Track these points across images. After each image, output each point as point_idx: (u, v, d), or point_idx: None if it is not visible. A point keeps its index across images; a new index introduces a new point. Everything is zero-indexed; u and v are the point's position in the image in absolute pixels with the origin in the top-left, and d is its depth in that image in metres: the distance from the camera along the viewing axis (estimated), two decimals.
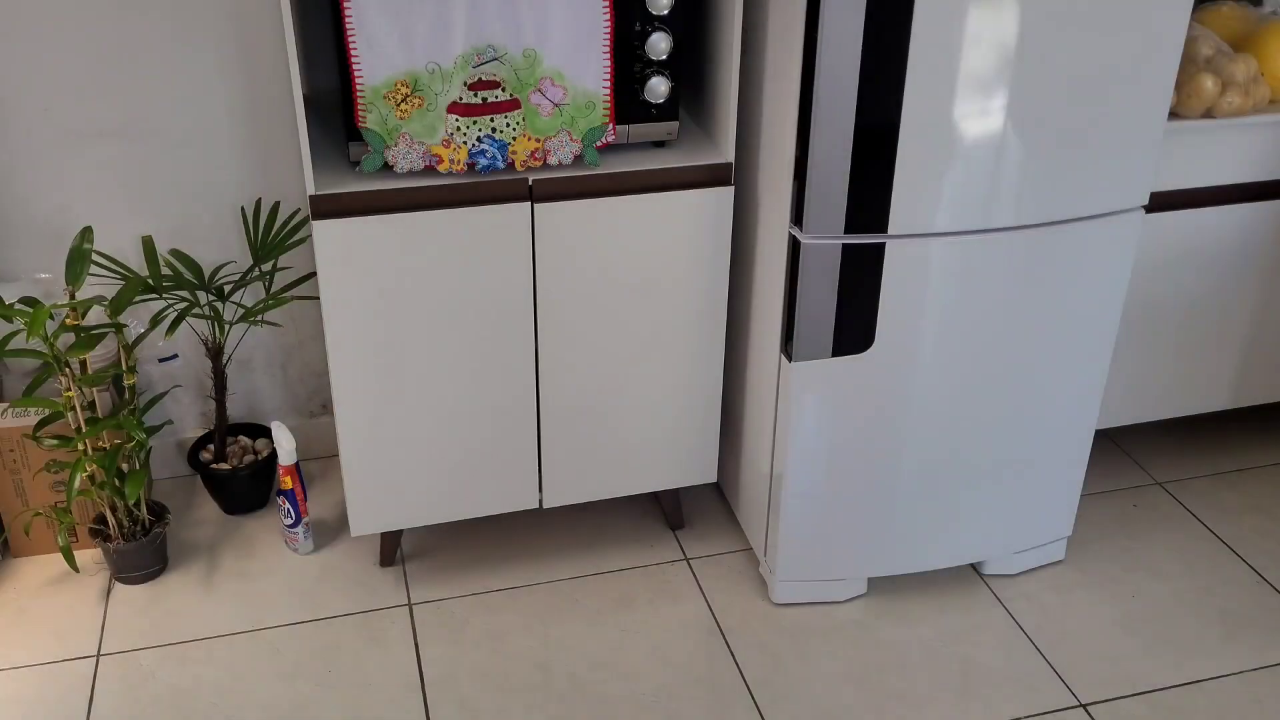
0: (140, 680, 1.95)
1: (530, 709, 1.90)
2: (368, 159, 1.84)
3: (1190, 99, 2.01)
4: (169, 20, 2.09)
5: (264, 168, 2.24)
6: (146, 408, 2.18)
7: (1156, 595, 2.17)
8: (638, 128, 1.94)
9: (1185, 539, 2.33)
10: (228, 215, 2.26)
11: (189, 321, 2.17)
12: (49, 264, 2.21)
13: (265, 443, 2.39)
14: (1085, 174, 1.81)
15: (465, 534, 2.30)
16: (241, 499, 2.36)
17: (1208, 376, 2.38)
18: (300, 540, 2.24)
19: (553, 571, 2.21)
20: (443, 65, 1.78)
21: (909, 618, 2.10)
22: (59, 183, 2.17)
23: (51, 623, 2.07)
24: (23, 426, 2.08)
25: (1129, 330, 2.19)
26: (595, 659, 2.01)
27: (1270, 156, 2.16)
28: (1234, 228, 2.20)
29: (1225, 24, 2.18)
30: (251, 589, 2.16)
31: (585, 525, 2.33)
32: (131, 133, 2.16)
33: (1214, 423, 2.61)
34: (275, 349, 2.44)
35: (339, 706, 1.90)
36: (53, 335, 1.91)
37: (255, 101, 2.19)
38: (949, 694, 1.94)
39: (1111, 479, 2.50)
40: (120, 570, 2.16)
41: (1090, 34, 1.69)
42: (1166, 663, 2.01)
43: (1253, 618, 2.12)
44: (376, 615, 2.10)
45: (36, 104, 2.10)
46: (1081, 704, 1.93)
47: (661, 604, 2.14)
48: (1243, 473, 2.54)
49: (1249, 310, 2.32)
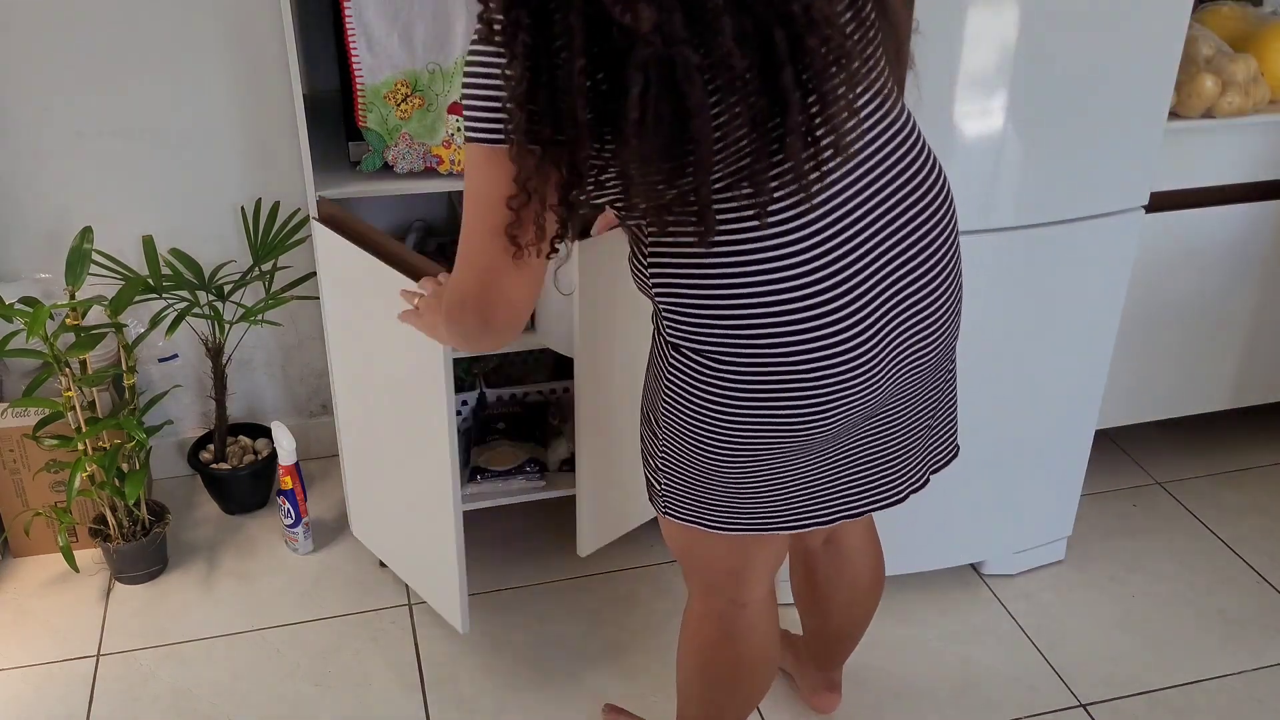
0: (140, 680, 1.95)
1: (530, 709, 1.90)
2: (368, 159, 1.84)
3: (1190, 99, 2.01)
4: (169, 20, 2.09)
5: (264, 168, 2.24)
6: (146, 408, 2.18)
7: (1156, 595, 2.17)
8: None
9: (1185, 539, 2.33)
10: (228, 215, 2.26)
11: (189, 321, 2.17)
12: (49, 264, 2.21)
13: (265, 443, 2.39)
14: (1085, 174, 1.81)
15: (465, 534, 2.29)
16: (241, 499, 2.36)
17: (1208, 376, 2.38)
18: (300, 540, 2.24)
19: (553, 571, 2.21)
20: (443, 65, 1.78)
21: (909, 618, 2.10)
22: (59, 183, 2.18)
23: (51, 622, 2.07)
24: (23, 426, 2.08)
25: (1129, 330, 2.19)
26: (594, 658, 2.01)
27: (1270, 156, 2.16)
28: (1234, 228, 2.20)
29: (1225, 24, 2.18)
30: (251, 589, 2.16)
31: None
32: (131, 133, 2.16)
33: (1214, 423, 2.61)
34: (275, 349, 2.44)
35: (339, 706, 1.90)
36: (53, 335, 1.91)
37: (255, 101, 2.19)
38: (949, 694, 1.94)
39: (1111, 479, 2.49)
40: (120, 570, 2.16)
41: (1090, 34, 1.69)
42: (1166, 663, 2.01)
43: (1253, 618, 2.12)
44: (376, 615, 2.10)
45: (36, 104, 2.10)
46: (1081, 704, 1.93)
47: (661, 603, 2.14)
48: (1243, 473, 2.54)
49: (1249, 310, 2.32)
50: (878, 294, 1.19)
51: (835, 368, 1.19)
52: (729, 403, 1.22)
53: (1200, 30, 2.07)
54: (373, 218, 2.29)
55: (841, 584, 1.69)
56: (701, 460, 1.28)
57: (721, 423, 1.23)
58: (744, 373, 1.20)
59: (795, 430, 1.23)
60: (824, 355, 1.18)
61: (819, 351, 1.18)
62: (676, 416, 1.26)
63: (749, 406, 1.21)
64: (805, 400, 1.21)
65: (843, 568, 1.67)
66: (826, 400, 1.21)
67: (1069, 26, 1.67)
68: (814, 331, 1.17)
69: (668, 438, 1.30)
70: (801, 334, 1.17)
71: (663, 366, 1.27)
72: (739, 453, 1.26)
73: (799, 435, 1.24)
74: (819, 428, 1.23)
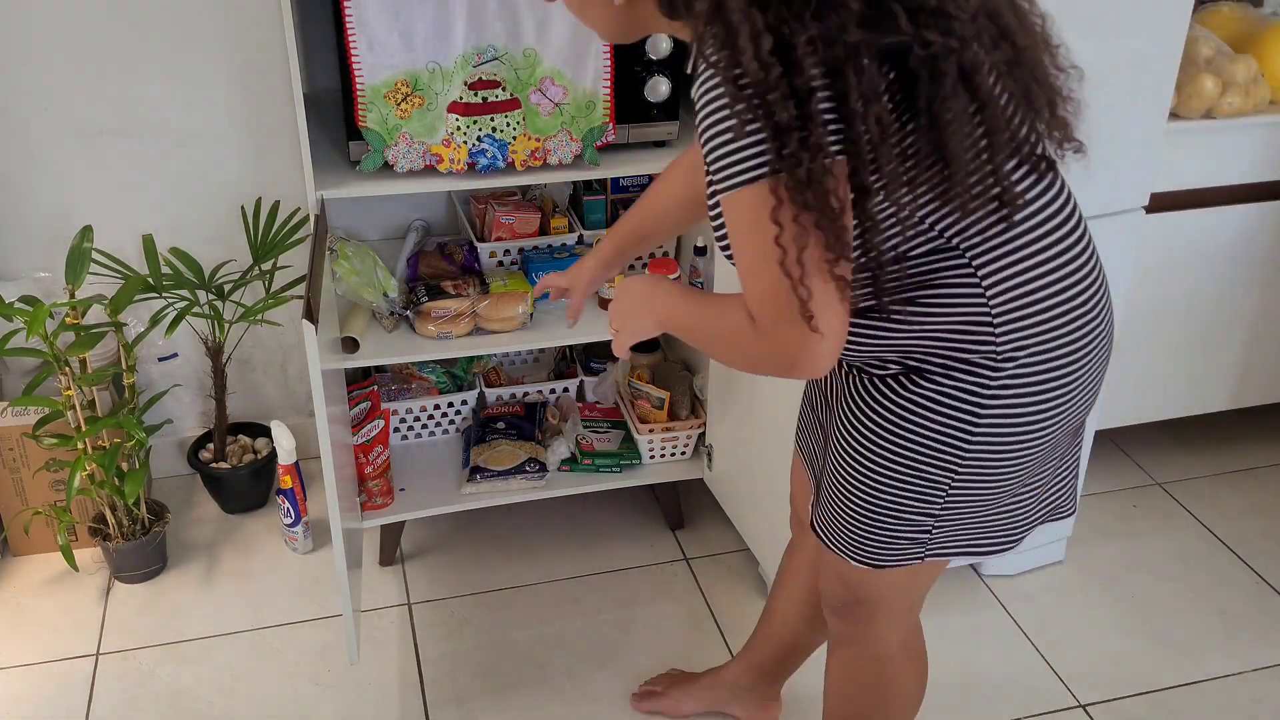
0: (140, 679, 1.95)
1: (530, 709, 1.90)
2: (368, 158, 1.84)
3: (1190, 99, 2.01)
4: (169, 20, 2.09)
5: (264, 167, 2.24)
6: (146, 407, 2.18)
7: (1156, 595, 2.17)
8: (638, 128, 1.95)
9: (1185, 539, 2.33)
10: (228, 214, 2.26)
11: (189, 320, 2.17)
12: (49, 263, 2.21)
13: (265, 442, 2.39)
14: (1085, 174, 1.80)
15: (465, 533, 2.30)
16: (241, 498, 2.36)
17: (1208, 377, 2.37)
18: (300, 540, 2.23)
19: (552, 571, 2.21)
20: (443, 65, 1.78)
21: None
22: (59, 182, 2.17)
23: (51, 621, 2.07)
24: (22, 425, 2.08)
25: (1129, 331, 2.19)
26: (595, 658, 2.01)
27: (1270, 156, 2.16)
28: (1234, 228, 2.20)
29: (1225, 25, 2.18)
30: (251, 588, 2.16)
31: (585, 524, 2.33)
32: (131, 132, 2.16)
33: (1214, 423, 2.61)
34: (275, 348, 2.44)
35: (338, 706, 1.90)
36: (52, 334, 1.90)
37: (255, 101, 2.19)
38: (949, 694, 1.94)
39: (1111, 479, 2.49)
40: (120, 569, 2.15)
41: (1091, 35, 1.68)
42: (1166, 663, 2.01)
43: (1253, 618, 2.12)
44: (376, 615, 2.10)
45: (36, 104, 2.10)
46: (1081, 704, 1.93)
47: (661, 603, 2.14)
48: (1243, 473, 2.54)
49: (1249, 310, 2.32)
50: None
51: (1099, 325, 1.20)
52: (1040, 390, 1.18)
53: (1200, 31, 2.07)
54: (373, 217, 2.29)
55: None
56: (998, 475, 1.22)
57: (1034, 413, 1.19)
58: (1056, 350, 1.17)
59: (1085, 395, 1.22)
60: (1094, 314, 1.19)
61: (1091, 311, 1.19)
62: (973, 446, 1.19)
63: (1059, 384, 1.18)
64: (1089, 359, 1.20)
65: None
66: (1098, 355, 1.22)
67: (1070, 27, 1.66)
68: (1085, 293, 1.18)
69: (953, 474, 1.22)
70: (1078, 297, 1.17)
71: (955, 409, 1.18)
72: (1038, 441, 1.21)
73: (1087, 400, 1.23)
74: (1094, 390, 1.24)
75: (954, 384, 1.16)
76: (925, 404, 1.18)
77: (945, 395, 1.17)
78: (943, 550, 1.30)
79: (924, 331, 1.15)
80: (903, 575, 1.34)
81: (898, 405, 1.19)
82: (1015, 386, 1.16)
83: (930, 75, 1.01)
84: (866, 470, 1.24)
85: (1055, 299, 1.16)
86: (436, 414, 2.28)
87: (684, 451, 2.25)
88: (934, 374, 1.17)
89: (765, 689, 1.82)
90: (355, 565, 1.83)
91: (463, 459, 2.22)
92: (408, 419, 2.26)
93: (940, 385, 1.17)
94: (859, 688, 1.50)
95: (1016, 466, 1.22)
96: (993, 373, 1.15)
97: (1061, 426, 1.22)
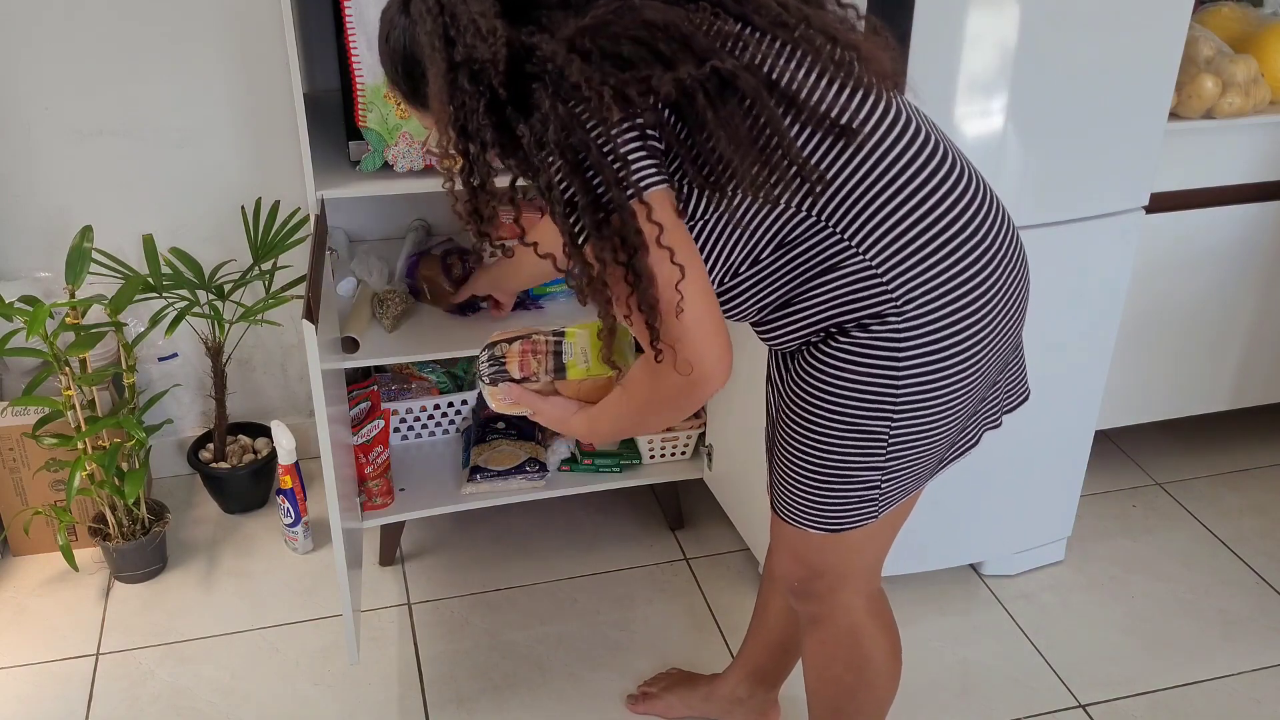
0: (140, 679, 1.95)
1: (529, 709, 1.90)
2: (368, 158, 1.84)
3: (1190, 100, 2.01)
4: (169, 20, 2.09)
5: (264, 167, 2.24)
6: (146, 407, 2.18)
7: (1156, 595, 2.17)
8: None
9: (1185, 539, 2.33)
10: (228, 214, 2.26)
11: (189, 320, 2.17)
12: (49, 263, 2.21)
13: (265, 442, 2.39)
14: (1085, 174, 1.81)
15: (465, 533, 2.30)
16: (241, 498, 2.36)
17: (1208, 377, 2.37)
18: (300, 540, 2.24)
19: (552, 571, 2.21)
20: None
21: (908, 618, 2.10)
22: (59, 182, 2.18)
23: (51, 621, 2.07)
24: (22, 425, 2.08)
25: (1129, 330, 2.19)
26: (594, 658, 2.01)
27: (1270, 157, 2.16)
28: (1234, 228, 2.20)
29: (1225, 25, 2.18)
30: (251, 588, 2.16)
31: (585, 525, 2.33)
32: (131, 132, 2.16)
33: (1214, 423, 2.61)
34: (275, 348, 2.44)
35: (338, 706, 1.90)
36: (52, 334, 1.91)
37: (255, 101, 2.19)
38: (949, 694, 1.94)
39: (1111, 479, 2.50)
40: (120, 569, 2.16)
41: (1091, 35, 1.69)
42: (1166, 663, 2.01)
43: (1253, 618, 2.12)
44: (376, 615, 2.10)
45: (36, 104, 2.10)
46: (1081, 704, 1.93)
47: (661, 603, 2.14)
48: (1243, 473, 2.54)
49: (1249, 311, 2.32)
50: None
51: (996, 245, 1.22)
52: (953, 320, 1.20)
53: (1201, 31, 2.07)
54: (373, 217, 2.29)
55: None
56: (933, 414, 1.25)
57: (953, 343, 1.21)
58: (954, 278, 1.19)
59: (1006, 319, 1.25)
60: (984, 235, 1.21)
61: (979, 233, 1.21)
62: (901, 390, 1.22)
63: (971, 310, 1.21)
64: (998, 280, 1.22)
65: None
66: (1006, 273, 1.23)
67: (1069, 27, 1.67)
68: (964, 216, 1.20)
69: (890, 421, 1.25)
70: (956, 223, 1.19)
71: (875, 360, 1.22)
72: (968, 371, 1.24)
73: (1009, 324, 1.26)
74: (1016, 311, 1.26)
75: (868, 335, 1.21)
76: (848, 359, 1.22)
77: (863, 346, 1.21)
78: (896, 499, 1.34)
79: (825, 303, 1.21)
80: (859, 538, 1.36)
81: (823, 368, 1.24)
82: (926, 323, 1.20)
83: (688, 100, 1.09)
84: (808, 435, 1.28)
85: (930, 232, 1.18)
86: (436, 414, 2.28)
87: (684, 452, 2.25)
88: (850, 329, 1.21)
89: (764, 695, 1.82)
90: (355, 565, 1.83)
91: (463, 459, 2.22)
92: (408, 419, 2.26)
93: (856, 338, 1.21)
94: (840, 666, 1.52)
95: (950, 402, 1.25)
96: (899, 317, 1.19)
97: (989, 352, 1.25)
